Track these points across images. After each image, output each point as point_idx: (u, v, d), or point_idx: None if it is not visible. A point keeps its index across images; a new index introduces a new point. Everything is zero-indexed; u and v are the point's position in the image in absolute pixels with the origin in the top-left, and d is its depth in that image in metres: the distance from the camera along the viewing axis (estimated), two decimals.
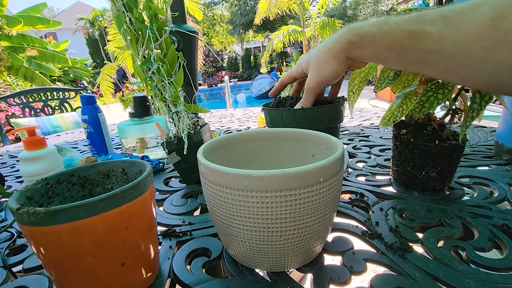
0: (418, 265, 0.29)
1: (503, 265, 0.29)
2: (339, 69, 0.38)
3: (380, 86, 0.44)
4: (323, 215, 0.27)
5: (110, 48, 6.35)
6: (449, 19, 0.27)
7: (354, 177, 0.53)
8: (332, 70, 0.38)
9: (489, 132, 0.74)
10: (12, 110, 3.04)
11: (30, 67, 4.59)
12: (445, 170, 0.42)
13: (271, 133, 0.39)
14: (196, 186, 0.54)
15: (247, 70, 16.95)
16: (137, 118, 0.72)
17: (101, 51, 15.25)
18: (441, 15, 0.27)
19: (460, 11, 0.26)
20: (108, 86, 7.38)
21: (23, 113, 1.79)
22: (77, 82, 7.78)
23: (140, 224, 0.27)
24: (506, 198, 0.41)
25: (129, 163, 0.33)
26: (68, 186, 0.32)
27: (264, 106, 0.51)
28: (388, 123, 0.44)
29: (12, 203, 0.24)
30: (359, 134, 0.84)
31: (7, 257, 0.36)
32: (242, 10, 16.01)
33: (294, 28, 8.64)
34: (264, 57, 10.65)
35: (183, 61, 0.48)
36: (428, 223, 0.36)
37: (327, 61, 0.38)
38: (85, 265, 0.24)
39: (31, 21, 4.31)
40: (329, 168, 0.26)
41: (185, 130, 0.48)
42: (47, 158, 0.51)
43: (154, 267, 0.30)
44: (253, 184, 0.24)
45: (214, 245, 0.35)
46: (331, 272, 0.29)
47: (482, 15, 0.25)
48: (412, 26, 0.29)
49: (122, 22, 0.45)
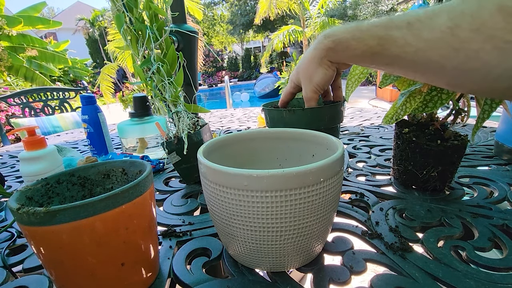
0: (418, 265, 0.29)
1: (503, 265, 0.29)
2: (328, 73, 0.40)
3: (385, 82, 0.44)
4: (323, 215, 0.27)
5: (110, 48, 6.35)
6: (413, 25, 0.28)
7: (354, 177, 0.53)
8: (321, 76, 0.40)
9: (489, 132, 0.74)
10: (12, 110, 3.04)
11: (30, 67, 4.59)
12: (446, 170, 0.42)
13: (271, 133, 0.39)
14: (196, 186, 0.54)
15: (247, 70, 16.95)
16: (137, 118, 0.72)
17: (101, 51, 15.25)
18: (407, 21, 0.28)
19: (423, 18, 0.28)
20: (108, 86, 7.38)
21: (23, 113, 1.79)
22: (77, 82, 7.78)
23: (140, 224, 0.27)
24: (506, 198, 0.41)
25: (129, 163, 0.33)
26: (68, 186, 0.32)
27: (264, 106, 0.51)
28: (390, 121, 0.44)
29: (12, 203, 0.24)
30: (359, 134, 0.84)
31: (7, 257, 0.36)
32: (242, 10, 16.01)
33: (294, 28, 8.64)
34: (264, 57, 10.64)
35: (183, 61, 0.48)
36: (428, 223, 0.36)
37: (314, 69, 0.40)
38: (85, 265, 0.24)
39: (31, 21, 4.31)
40: (329, 168, 0.26)
41: (185, 130, 0.48)
42: (47, 158, 0.51)
43: (154, 267, 0.30)
44: (253, 184, 0.24)
45: (214, 245, 0.35)
46: (331, 272, 0.29)
47: (440, 23, 0.26)
48: (380, 31, 0.31)
49: (122, 22, 0.45)
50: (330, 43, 0.36)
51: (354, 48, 0.34)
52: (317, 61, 0.39)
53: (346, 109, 0.50)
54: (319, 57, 0.39)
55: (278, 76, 10.09)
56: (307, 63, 0.40)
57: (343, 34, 0.35)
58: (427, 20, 0.27)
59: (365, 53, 0.33)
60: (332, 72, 0.40)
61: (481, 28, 0.24)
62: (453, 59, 0.26)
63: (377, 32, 0.31)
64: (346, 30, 0.35)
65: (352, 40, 0.34)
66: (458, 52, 0.26)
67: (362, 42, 0.32)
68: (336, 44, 0.36)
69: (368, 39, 0.32)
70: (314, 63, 0.40)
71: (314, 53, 0.39)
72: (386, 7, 13.86)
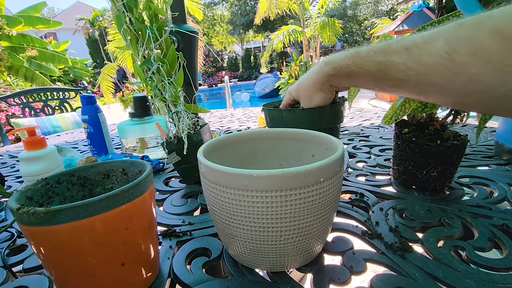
0: (418, 265, 0.29)
1: (503, 265, 0.29)
2: (327, 97, 0.43)
3: None
4: (323, 215, 0.27)
5: (110, 48, 6.35)
6: (411, 51, 0.29)
7: (354, 177, 0.53)
8: (321, 98, 0.43)
9: (489, 132, 0.74)
10: (12, 110, 3.04)
11: (30, 67, 4.59)
12: (446, 170, 0.42)
13: (271, 133, 0.39)
14: (196, 186, 0.54)
15: (247, 70, 16.94)
16: (137, 118, 0.72)
17: (101, 51, 15.24)
18: (404, 47, 0.29)
19: (420, 43, 0.28)
20: (108, 86, 7.39)
21: (23, 113, 1.79)
22: (77, 82, 7.78)
23: (140, 224, 0.27)
24: (506, 198, 0.41)
25: (129, 163, 0.33)
26: (68, 186, 0.32)
27: (264, 106, 0.51)
28: (389, 122, 0.44)
29: (12, 203, 0.24)
30: (359, 134, 0.84)
31: (7, 257, 0.36)
32: (242, 10, 16.01)
33: (294, 28, 8.64)
34: (264, 57, 10.65)
35: (183, 61, 0.48)
36: (428, 223, 0.36)
37: (314, 93, 0.43)
38: (85, 265, 0.24)
39: (31, 21, 4.31)
40: (329, 168, 0.26)
41: (185, 130, 0.48)
42: (47, 158, 0.51)
43: (154, 267, 0.30)
44: (253, 184, 0.24)
45: (214, 245, 0.35)
46: (331, 272, 0.29)
47: (438, 48, 0.27)
48: (380, 57, 0.32)
49: (122, 22, 0.45)
50: (331, 69, 0.38)
51: (356, 73, 0.35)
52: (318, 87, 0.42)
53: (346, 109, 0.50)
54: (320, 83, 0.41)
55: (278, 76, 10.08)
56: (309, 86, 0.43)
57: (344, 61, 0.36)
58: (424, 45, 0.28)
59: (367, 78, 0.35)
60: (331, 95, 0.43)
61: (478, 52, 0.24)
62: (454, 81, 0.27)
63: (377, 58, 0.32)
64: (346, 56, 0.36)
65: (353, 66, 0.35)
66: (458, 76, 0.26)
67: (363, 68, 0.34)
68: (337, 71, 0.38)
69: (369, 65, 0.33)
70: (316, 87, 0.42)
71: (315, 78, 0.41)
72: (386, 7, 13.86)
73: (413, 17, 6.27)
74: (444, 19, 0.37)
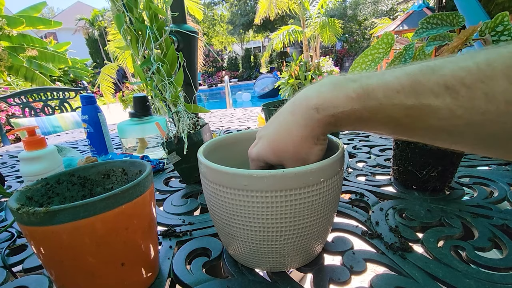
0: (418, 265, 0.29)
1: (503, 265, 0.29)
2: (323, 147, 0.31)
3: None
4: (323, 215, 0.27)
5: (110, 48, 6.35)
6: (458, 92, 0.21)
7: (354, 177, 0.53)
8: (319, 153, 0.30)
9: None
10: (12, 110, 3.04)
11: (30, 67, 4.59)
12: (446, 170, 0.42)
13: None
14: (196, 186, 0.54)
15: (247, 70, 16.95)
16: (137, 118, 0.72)
17: (101, 51, 15.25)
18: (444, 85, 0.22)
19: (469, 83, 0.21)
20: (108, 86, 7.38)
21: (23, 113, 1.79)
22: (77, 82, 7.79)
23: (140, 224, 0.27)
24: (506, 198, 0.41)
25: (129, 163, 0.33)
26: (68, 186, 0.32)
27: (264, 106, 0.51)
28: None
29: (12, 203, 0.24)
30: (359, 134, 0.84)
31: (7, 257, 0.36)
32: (242, 10, 16.01)
33: (294, 28, 8.64)
34: (264, 57, 10.65)
35: (183, 61, 0.48)
36: (428, 223, 0.36)
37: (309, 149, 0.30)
38: (85, 265, 0.24)
39: (32, 22, 4.31)
40: (329, 168, 0.26)
41: (185, 130, 0.48)
42: (47, 158, 0.51)
43: (154, 267, 0.30)
44: (253, 184, 0.24)
45: (214, 245, 0.35)
46: (331, 272, 0.29)
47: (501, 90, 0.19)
48: (409, 100, 0.23)
49: (122, 22, 0.45)
50: (329, 118, 0.27)
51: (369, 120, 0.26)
52: (310, 141, 0.29)
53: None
54: (314, 136, 0.29)
55: (278, 76, 10.06)
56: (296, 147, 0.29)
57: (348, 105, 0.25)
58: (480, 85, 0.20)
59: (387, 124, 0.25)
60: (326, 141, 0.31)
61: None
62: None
63: (403, 100, 0.23)
64: (348, 96, 0.25)
65: (365, 112, 0.25)
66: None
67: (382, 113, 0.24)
68: (338, 119, 0.26)
69: (392, 109, 0.24)
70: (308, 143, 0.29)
71: (305, 134, 0.28)
72: (386, 7, 13.86)
73: (413, 17, 6.27)
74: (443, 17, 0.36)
